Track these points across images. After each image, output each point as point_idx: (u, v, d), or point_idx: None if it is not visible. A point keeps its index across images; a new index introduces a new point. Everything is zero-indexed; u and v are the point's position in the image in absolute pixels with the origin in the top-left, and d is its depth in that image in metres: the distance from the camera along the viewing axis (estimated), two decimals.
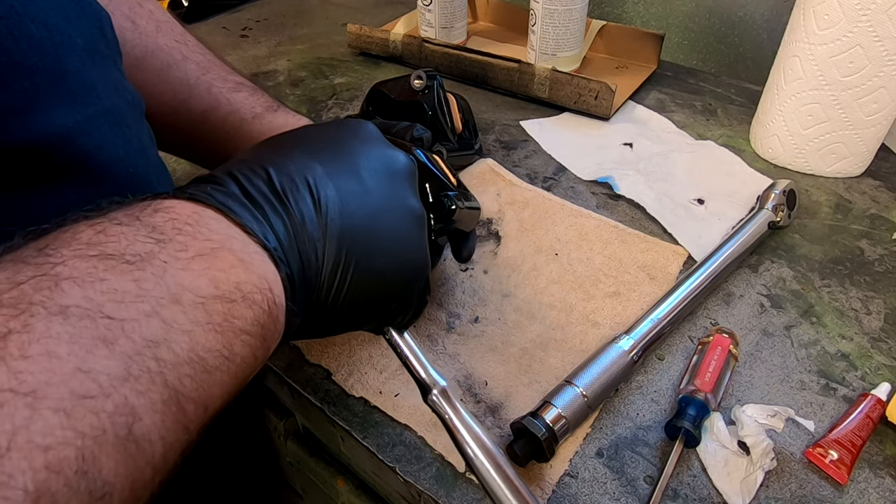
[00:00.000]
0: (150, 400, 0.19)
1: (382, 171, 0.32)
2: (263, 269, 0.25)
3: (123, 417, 0.18)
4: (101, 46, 0.34)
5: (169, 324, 0.21)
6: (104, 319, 0.19)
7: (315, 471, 0.52)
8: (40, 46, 0.29)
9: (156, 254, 0.22)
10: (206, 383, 0.22)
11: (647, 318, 0.43)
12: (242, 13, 0.98)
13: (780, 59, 0.60)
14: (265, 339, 0.25)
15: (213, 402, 0.22)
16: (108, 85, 0.34)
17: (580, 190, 0.59)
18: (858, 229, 0.54)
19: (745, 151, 0.64)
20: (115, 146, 0.34)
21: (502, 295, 0.48)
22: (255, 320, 0.24)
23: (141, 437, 0.19)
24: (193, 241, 0.23)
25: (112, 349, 0.19)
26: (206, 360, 0.22)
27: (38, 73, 0.29)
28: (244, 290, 0.24)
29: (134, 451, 0.19)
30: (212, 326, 0.22)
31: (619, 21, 0.87)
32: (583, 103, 0.68)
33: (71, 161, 0.31)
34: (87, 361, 0.18)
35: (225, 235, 0.24)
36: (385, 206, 0.31)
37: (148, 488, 0.20)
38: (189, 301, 0.22)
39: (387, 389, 0.42)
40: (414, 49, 0.78)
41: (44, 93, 0.29)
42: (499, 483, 0.31)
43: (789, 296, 0.48)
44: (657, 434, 0.39)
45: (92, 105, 0.32)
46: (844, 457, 0.36)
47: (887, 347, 0.44)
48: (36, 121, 0.29)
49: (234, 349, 0.23)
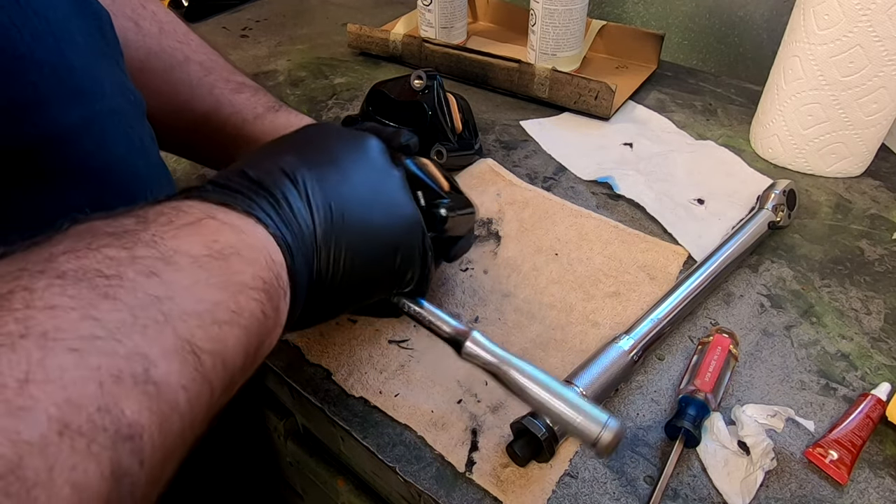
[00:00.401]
0: (162, 347, 0.20)
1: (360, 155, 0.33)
2: (252, 230, 0.26)
3: (138, 361, 0.19)
4: (102, 46, 0.34)
5: (168, 282, 0.21)
6: (102, 279, 0.20)
7: (315, 471, 0.52)
8: (44, 40, 0.29)
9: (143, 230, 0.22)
10: (219, 336, 0.22)
11: (647, 318, 0.43)
12: (242, 13, 0.98)
13: (780, 59, 0.60)
14: (270, 295, 0.25)
15: (230, 358, 0.23)
16: (112, 84, 0.34)
17: (580, 190, 0.59)
18: (858, 229, 0.54)
19: (745, 151, 0.64)
20: (117, 146, 0.34)
21: (502, 295, 0.48)
22: (255, 275, 0.24)
23: (160, 382, 0.19)
24: (177, 217, 0.24)
25: (115, 303, 0.19)
26: (215, 313, 0.22)
27: (46, 66, 0.29)
28: (237, 247, 0.24)
29: (156, 395, 0.19)
30: (213, 282, 0.23)
31: (619, 21, 0.87)
32: (583, 103, 0.68)
33: (73, 159, 0.31)
34: (91, 311, 0.18)
35: (205, 212, 0.25)
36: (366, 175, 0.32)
37: (178, 441, 0.20)
38: (184, 261, 0.22)
39: (387, 389, 0.42)
40: (414, 49, 0.78)
41: (51, 88, 0.29)
42: (563, 408, 0.31)
43: (789, 296, 0.48)
44: (657, 434, 0.39)
45: (98, 103, 0.32)
46: (844, 457, 0.36)
47: (887, 347, 0.44)
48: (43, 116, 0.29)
49: (241, 303, 0.23)
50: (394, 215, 0.33)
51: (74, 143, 0.31)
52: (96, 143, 0.32)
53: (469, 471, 0.37)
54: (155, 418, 0.19)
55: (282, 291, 0.26)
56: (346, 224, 0.30)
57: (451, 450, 0.38)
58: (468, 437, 0.39)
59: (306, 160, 0.30)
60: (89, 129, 0.32)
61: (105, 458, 0.17)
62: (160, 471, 0.19)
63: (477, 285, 0.49)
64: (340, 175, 0.31)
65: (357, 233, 0.30)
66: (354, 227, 0.30)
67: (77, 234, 0.21)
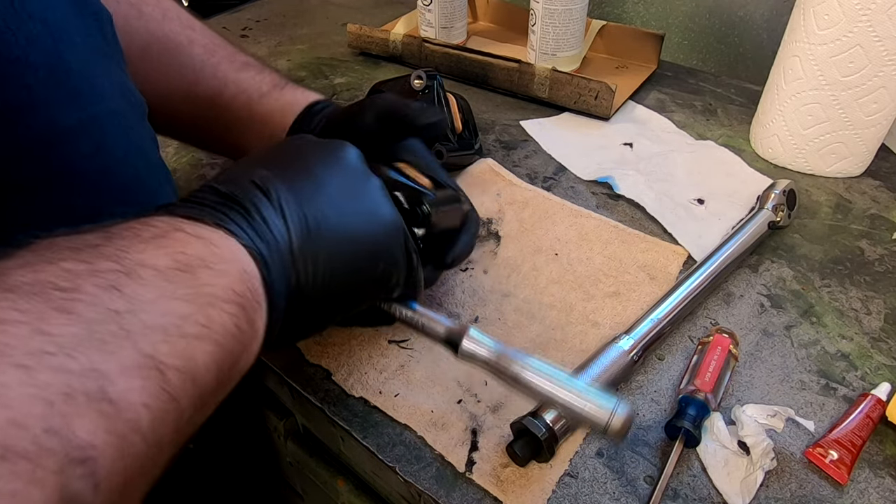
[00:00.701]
0: (121, 363, 0.19)
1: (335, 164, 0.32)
2: (223, 242, 0.25)
3: (93, 378, 0.18)
4: (102, 46, 0.34)
5: (130, 295, 0.20)
6: (58, 292, 0.19)
7: (315, 471, 0.52)
8: (40, 42, 0.29)
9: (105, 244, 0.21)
10: (187, 351, 0.21)
11: (647, 318, 0.43)
12: (242, 13, 0.98)
13: (780, 59, 0.60)
14: (244, 308, 0.24)
15: (201, 374, 0.22)
16: (112, 85, 0.34)
17: (580, 190, 0.59)
18: (858, 229, 0.54)
19: (745, 151, 0.64)
20: (116, 147, 0.34)
21: (502, 295, 0.48)
22: (227, 287, 0.24)
23: (118, 400, 0.18)
24: (143, 231, 0.23)
25: (70, 317, 0.18)
26: (182, 327, 0.21)
27: (42, 69, 0.29)
28: (207, 259, 0.23)
29: (113, 414, 0.18)
30: (180, 294, 0.22)
31: (619, 21, 0.87)
32: (583, 103, 0.68)
33: (71, 161, 0.31)
34: (43, 326, 0.18)
35: (173, 225, 0.24)
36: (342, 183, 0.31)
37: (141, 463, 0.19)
38: (149, 274, 0.21)
39: (387, 389, 0.42)
40: (414, 49, 0.78)
41: (47, 90, 0.29)
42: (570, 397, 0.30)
43: (789, 296, 0.48)
44: (657, 434, 0.39)
45: (96, 104, 0.32)
46: (844, 457, 0.36)
47: (887, 347, 0.44)
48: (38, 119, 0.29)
49: (212, 317, 0.23)
50: (373, 221, 0.32)
51: (71, 145, 0.31)
52: (94, 145, 0.32)
53: (469, 471, 0.37)
54: (112, 439, 0.18)
55: (257, 304, 0.25)
56: (324, 233, 0.29)
57: (451, 450, 0.38)
58: (468, 437, 0.39)
59: (279, 172, 0.29)
60: (87, 130, 0.31)
61: (52, 482, 0.16)
62: (119, 496, 0.18)
63: (477, 285, 0.49)
64: (315, 185, 0.30)
65: (335, 241, 0.29)
66: (332, 236, 0.29)
67: (36, 250, 0.20)
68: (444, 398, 0.41)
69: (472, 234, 0.43)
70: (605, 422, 0.29)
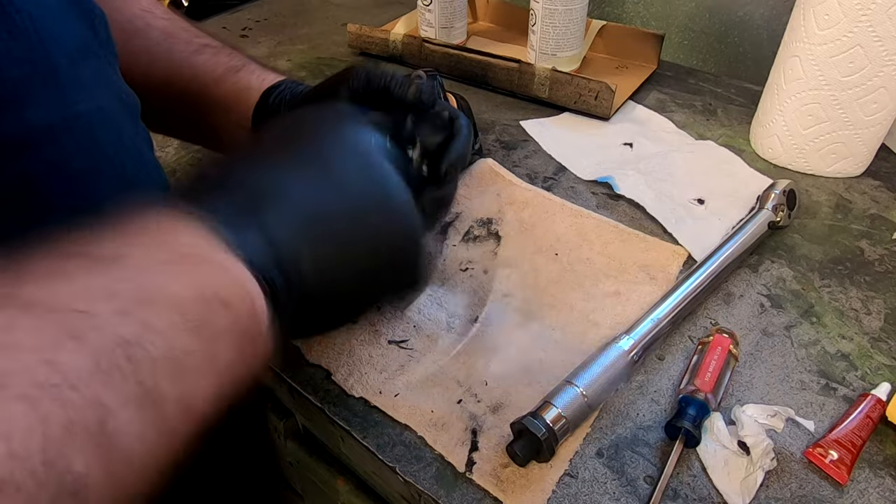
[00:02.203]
0: (123, 397, 0.19)
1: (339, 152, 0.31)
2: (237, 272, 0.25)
3: (94, 411, 0.18)
4: (92, 45, 0.34)
5: (143, 324, 0.20)
6: (72, 314, 0.19)
7: (315, 471, 0.52)
8: (25, 37, 0.28)
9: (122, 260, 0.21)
10: (188, 386, 0.21)
11: (647, 318, 0.43)
12: (242, 13, 0.98)
13: (780, 59, 0.60)
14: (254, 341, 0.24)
15: (198, 405, 0.22)
16: (101, 84, 0.34)
17: (580, 190, 0.59)
18: (858, 229, 0.54)
19: (745, 151, 0.64)
20: (104, 145, 0.33)
21: (502, 295, 0.48)
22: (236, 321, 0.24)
23: (115, 433, 0.18)
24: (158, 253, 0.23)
25: (80, 343, 0.18)
26: (187, 362, 0.21)
27: (27, 64, 0.28)
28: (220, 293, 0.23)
29: (108, 447, 0.18)
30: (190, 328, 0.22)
31: (619, 21, 0.87)
32: (583, 103, 0.68)
33: (56, 159, 0.31)
34: (52, 354, 0.18)
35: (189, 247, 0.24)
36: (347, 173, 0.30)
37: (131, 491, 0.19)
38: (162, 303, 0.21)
39: (387, 389, 0.42)
40: (414, 49, 0.78)
41: (32, 86, 0.29)
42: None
43: (789, 296, 0.48)
44: (657, 434, 0.39)
45: (82, 103, 0.31)
46: (844, 457, 0.36)
47: (887, 347, 0.44)
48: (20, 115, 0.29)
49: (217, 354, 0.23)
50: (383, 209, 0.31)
51: (56, 143, 0.30)
52: (81, 143, 0.31)
53: (469, 471, 0.37)
54: (105, 471, 0.18)
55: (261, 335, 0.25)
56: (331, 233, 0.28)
57: (451, 450, 0.38)
58: (468, 437, 0.39)
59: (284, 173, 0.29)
60: (73, 128, 0.31)
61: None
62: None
63: (477, 285, 0.49)
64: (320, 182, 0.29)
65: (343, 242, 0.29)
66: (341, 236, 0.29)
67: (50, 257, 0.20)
68: (444, 398, 0.41)
69: (465, 141, 0.40)
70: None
